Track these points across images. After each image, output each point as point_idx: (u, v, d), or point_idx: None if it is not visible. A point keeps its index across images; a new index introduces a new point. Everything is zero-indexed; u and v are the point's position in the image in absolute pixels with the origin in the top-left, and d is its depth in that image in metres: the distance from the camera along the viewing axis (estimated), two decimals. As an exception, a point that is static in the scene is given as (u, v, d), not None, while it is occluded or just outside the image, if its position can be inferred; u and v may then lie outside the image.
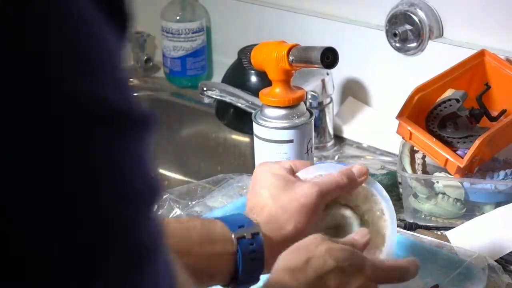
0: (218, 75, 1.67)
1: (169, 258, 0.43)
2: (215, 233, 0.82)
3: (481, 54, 1.31)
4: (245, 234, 0.82)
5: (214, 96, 1.48)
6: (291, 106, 1.15)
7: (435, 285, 1.01)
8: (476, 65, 1.31)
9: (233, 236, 0.82)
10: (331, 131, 1.50)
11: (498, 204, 1.17)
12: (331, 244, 0.78)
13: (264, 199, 0.87)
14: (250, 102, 1.43)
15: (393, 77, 1.47)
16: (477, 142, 1.18)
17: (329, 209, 0.90)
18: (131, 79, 1.74)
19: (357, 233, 0.85)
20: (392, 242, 0.92)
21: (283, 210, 0.85)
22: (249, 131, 1.28)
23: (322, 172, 0.92)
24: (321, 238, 0.78)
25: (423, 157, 1.26)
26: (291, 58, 1.13)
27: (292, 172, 0.91)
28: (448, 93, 1.26)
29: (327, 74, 1.45)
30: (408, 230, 1.16)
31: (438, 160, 1.23)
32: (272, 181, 0.87)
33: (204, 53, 1.70)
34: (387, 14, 1.43)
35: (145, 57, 1.78)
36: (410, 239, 1.09)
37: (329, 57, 1.12)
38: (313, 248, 0.77)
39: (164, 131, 1.63)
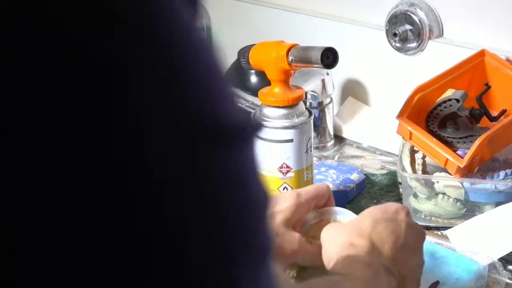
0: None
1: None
2: None
3: (481, 54, 1.31)
4: None
5: (214, 96, 1.48)
6: (291, 105, 1.15)
7: (436, 282, 1.01)
8: (476, 65, 1.31)
9: None
10: (331, 131, 1.50)
11: (498, 204, 1.17)
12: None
13: None
14: (249, 102, 1.43)
15: (393, 77, 1.47)
16: (477, 142, 1.17)
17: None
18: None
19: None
20: None
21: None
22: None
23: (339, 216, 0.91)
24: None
25: (423, 157, 1.26)
26: (290, 58, 1.12)
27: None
28: (448, 93, 1.26)
29: (327, 74, 1.45)
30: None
31: (438, 160, 1.23)
32: None
33: (204, 53, 1.70)
34: (387, 14, 1.43)
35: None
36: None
37: (329, 57, 1.12)
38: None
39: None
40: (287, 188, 1.16)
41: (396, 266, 0.77)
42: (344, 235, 0.80)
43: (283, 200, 0.87)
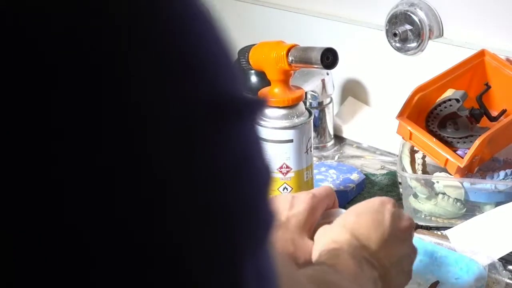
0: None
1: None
2: None
3: (481, 54, 1.31)
4: None
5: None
6: (291, 106, 1.15)
7: (436, 282, 1.01)
8: (476, 65, 1.31)
9: None
10: (331, 131, 1.50)
11: (498, 204, 1.17)
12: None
13: None
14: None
15: (393, 77, 1.47)
16: (477, 142, 1.17)
17: None
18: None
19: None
20: None
21: None
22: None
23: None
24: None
25: (423, 157, 1.26)
26: (290, 58, 1.13)
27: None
28: (448, 93, 1.26)
29: (327, 74, 1.45)
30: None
31: (438, 160, 1.23)
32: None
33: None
34: (387, 14, 1.43)
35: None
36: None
37: (329, 58, 1.12)
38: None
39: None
40: (287, 189, 1.16)
41: (380, 258, 0.77)
42: (328, 233, 0.80)
43: (298, 202, 0.86)
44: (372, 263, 0.77)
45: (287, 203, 0.85)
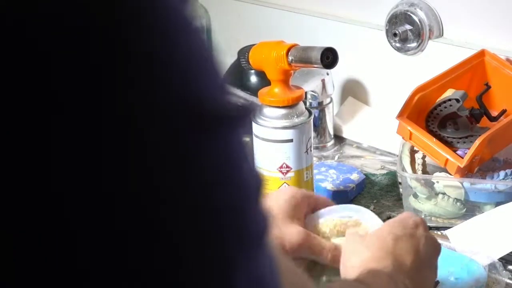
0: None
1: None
2: None
3: (481, 54, 1.31)
4: None
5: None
6: (290, 105, 1.15)
7: (436, 282, 1.01)
8: (476, 65, 1.31)
9: None
10: (331, 131, 1.50)
11: (498, 204, 1.17)
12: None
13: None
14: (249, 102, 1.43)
15: (393, 77, 1.47)
16: (477, 142, 1.17)
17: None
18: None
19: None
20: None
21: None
22: (248, 131, 1.28)
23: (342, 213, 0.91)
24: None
25: (423, 157, 1.26)
26: (290, 58, 1.12)
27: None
28: (448, 93, 1.26)
29: (327, 74, 1.45)
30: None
31: (438, 160, 1.23)
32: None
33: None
34: (387, 14, 1.43)
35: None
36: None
37: (329, 57, 1.12)
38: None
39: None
40: (287, 188, 1.16)
41: (414, 284, 0.78)
42: (367, 249, 0.80)
43: (280, 194, 0.87)
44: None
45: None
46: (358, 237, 0.84)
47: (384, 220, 0.89)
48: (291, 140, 1.15)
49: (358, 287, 0.75)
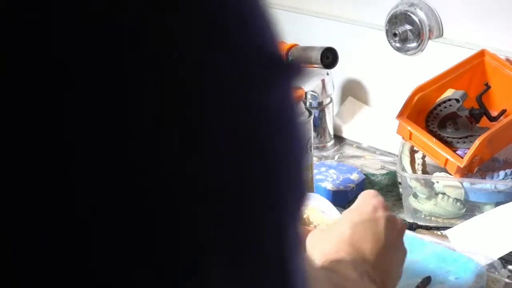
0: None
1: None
2: None
3: (481, 54, 1.31)
4: None
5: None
6: (291, 105, 1.15)
7: (427, 277, 1.01)
8: (476, 65, 1.31)
9: None
10: (331, 131, 1.50)
11: (498, 204, 1.17)
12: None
13: None
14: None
15: (393, 77, 1.47)
16: (477, 142, 1.17)
17: None
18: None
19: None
20: None
21: None
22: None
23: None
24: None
25: (423, 157, 1.26)
26: (290, 58, 1.13)
27: None
28: (448, 93, 1.26)
29: (327, 74, 1.45)
30: (408, 230, 1.16)
31: (438, 160, 1.23)
32: None
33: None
34: (387, 14, 1.43)
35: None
36: (410, 235, 1.09)
37: (329, 57, 1.12)
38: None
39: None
40: (287, 188, 1.16)
41: (378, 271, 0.78)
42: (327, 242, 0.80)
43: None
44: (373, 278, 0.77)
45: None
46: (318, 232, 0.83)
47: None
48: (291, 140, 1.15)
49: (325, 269, 0.75)
